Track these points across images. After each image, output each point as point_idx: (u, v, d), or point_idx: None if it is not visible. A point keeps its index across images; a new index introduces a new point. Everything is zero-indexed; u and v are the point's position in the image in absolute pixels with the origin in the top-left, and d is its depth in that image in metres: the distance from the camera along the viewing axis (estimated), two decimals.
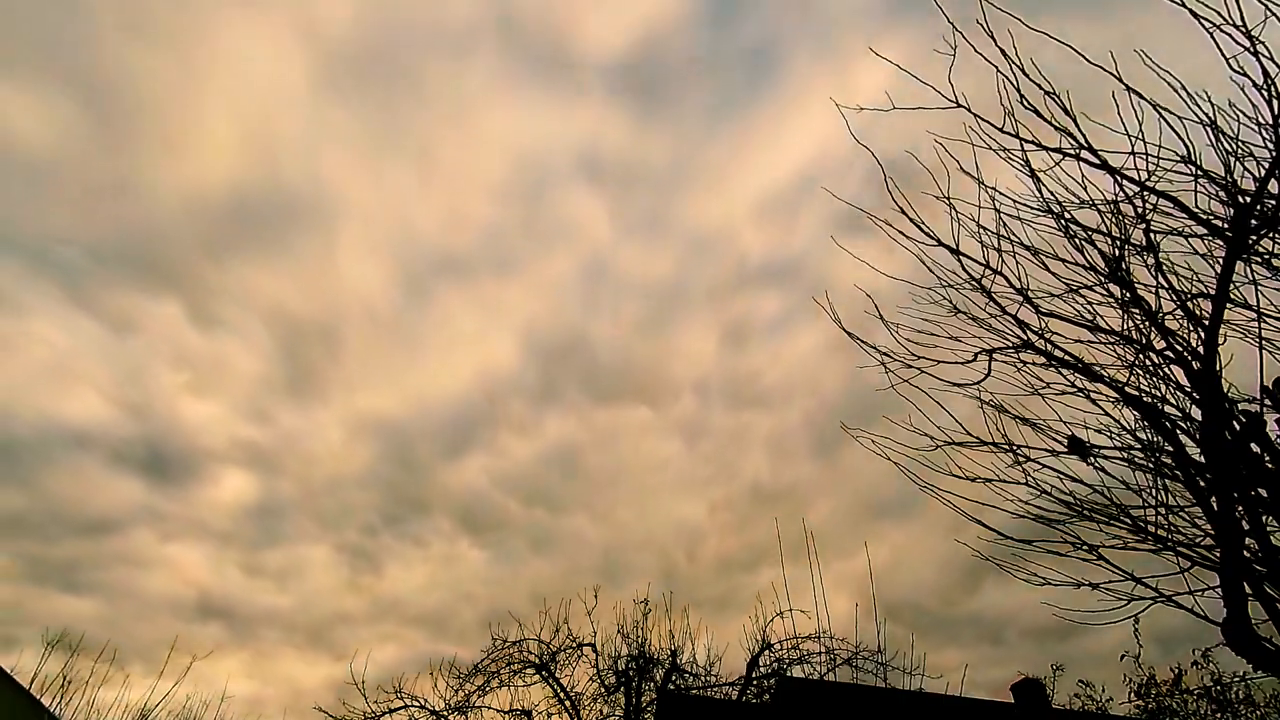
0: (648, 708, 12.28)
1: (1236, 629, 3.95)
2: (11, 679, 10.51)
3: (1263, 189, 4.18)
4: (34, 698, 10.10)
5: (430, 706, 12.22)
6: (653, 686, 12.48)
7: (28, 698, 10.17)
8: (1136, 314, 4.76)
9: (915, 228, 5.06)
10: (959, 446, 4.99)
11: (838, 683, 11.66)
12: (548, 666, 12.57)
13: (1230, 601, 3.99)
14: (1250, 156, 4.29)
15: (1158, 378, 4.70)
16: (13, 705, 10.40)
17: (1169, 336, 4.64)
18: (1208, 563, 4.30)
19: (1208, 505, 4.33)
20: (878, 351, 5.22)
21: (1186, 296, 4.62)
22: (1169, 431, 4.58)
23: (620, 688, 12.45)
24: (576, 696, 12.52)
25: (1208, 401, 4.31)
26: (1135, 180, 4.50)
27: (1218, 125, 4.30)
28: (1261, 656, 3.98)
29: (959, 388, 5.09)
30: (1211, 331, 4.31)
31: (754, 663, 12.50)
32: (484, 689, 12.40)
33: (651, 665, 12.54)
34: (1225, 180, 4.35)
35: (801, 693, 11.70)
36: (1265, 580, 4.04)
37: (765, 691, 12.41)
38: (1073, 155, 4.63)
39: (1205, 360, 4.34)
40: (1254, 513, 4.19)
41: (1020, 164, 4.84)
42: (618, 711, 12.44)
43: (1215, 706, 12.78)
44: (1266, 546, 4.14)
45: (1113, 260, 4.78)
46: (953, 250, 5.05)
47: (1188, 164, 4.39)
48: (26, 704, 10.15)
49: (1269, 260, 4.39)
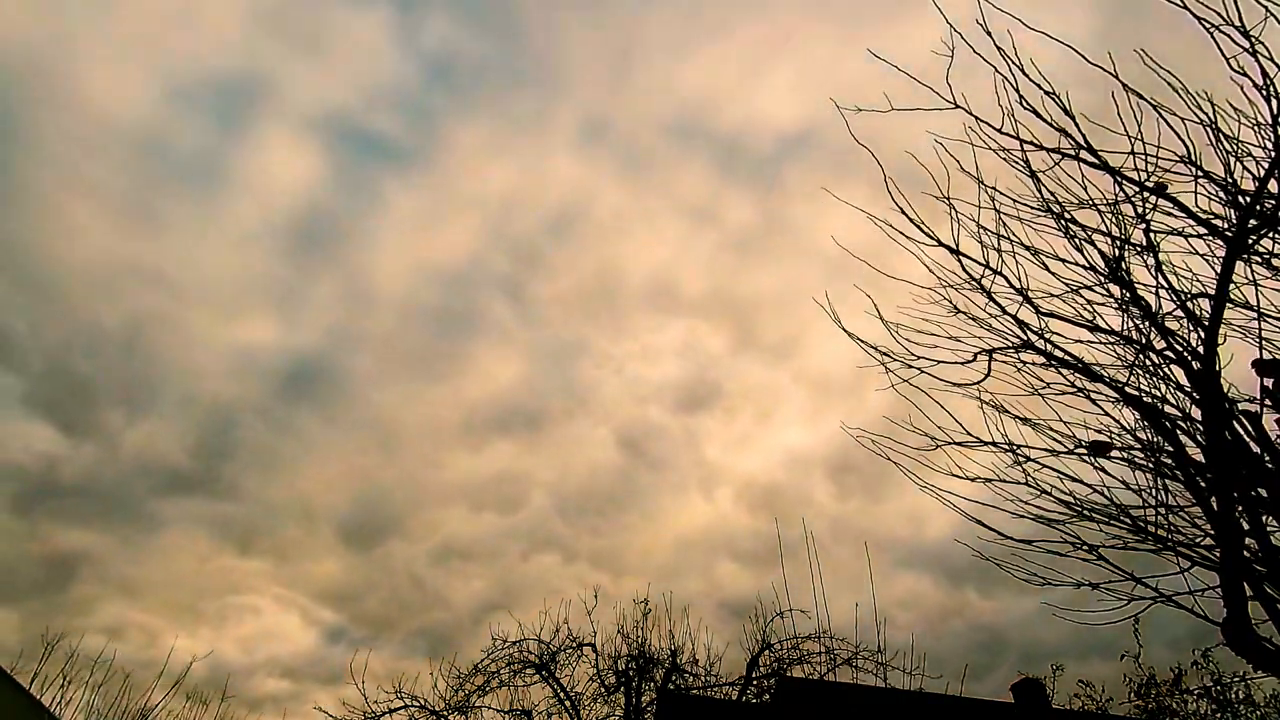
0: (648, 708, 12.28)
1: (1236, 629, 3.95)
2: (11, 679, 10.50)
3: (1263, 189, 4.18)
4: (34, 698, 10.10)
5: (430, 706, 12.22)
6: (653, 686, 12.48)
7: (28, 698, 10.17)
8: (1136, 314, 4.76)
9: (915, 228, 5.07)
10: (959, 446, 4.99)
11: (838, 683, 11.66)
12: (548, 666, 12.57)
13: (1230, 601, 3.99)
14: (1250, 156, 4.29)
15: (1158, 378, 4.70)
16: (13, 705, 10.40)
17: (1169, 336, 4.64)
18: (1208, 563, 4.30)
19: (1208, 505, 4.33)
20: (878, 352, 5.22)
21: (1186, 296, 4.61)
22: (1169, 431, 4.58)
23: (620, 688, 12.46)
24: (576, 696, 12.53)
25: (1208, 401, 4.30)
26: (1135, 180, 4.50)
27: (1218, 125, 4.30)
28: (1261, 656, 3.98)
29: (959, 388, 5.09)
30: (1211, 331, 4.31)
31: (754, 663, 12.51)
32: (484, 689, 12.41)
33: (651, 665, 12.54)
34: (1225, 180, 4.35)
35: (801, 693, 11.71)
36: (1265, 580, 4.04)
37: (765, 691, 12.41)
38: (1072, 155, 4.63)
39: (1205, 360, 4.33)
40: (1254, 513, 4.19)
41: (1020, 164, 4.84)
42: (618, 711, 12.45)
43: (1215, 706, 12.78)
44: (1266, 546, 4.14)
45: (1113, 260, 4.78)
46: (953, 250, 5.05)
47: (1188, 164, 4.39)
48: (26, 704, 10.15)
49: (1269, 260, 4.39)
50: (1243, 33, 3.99)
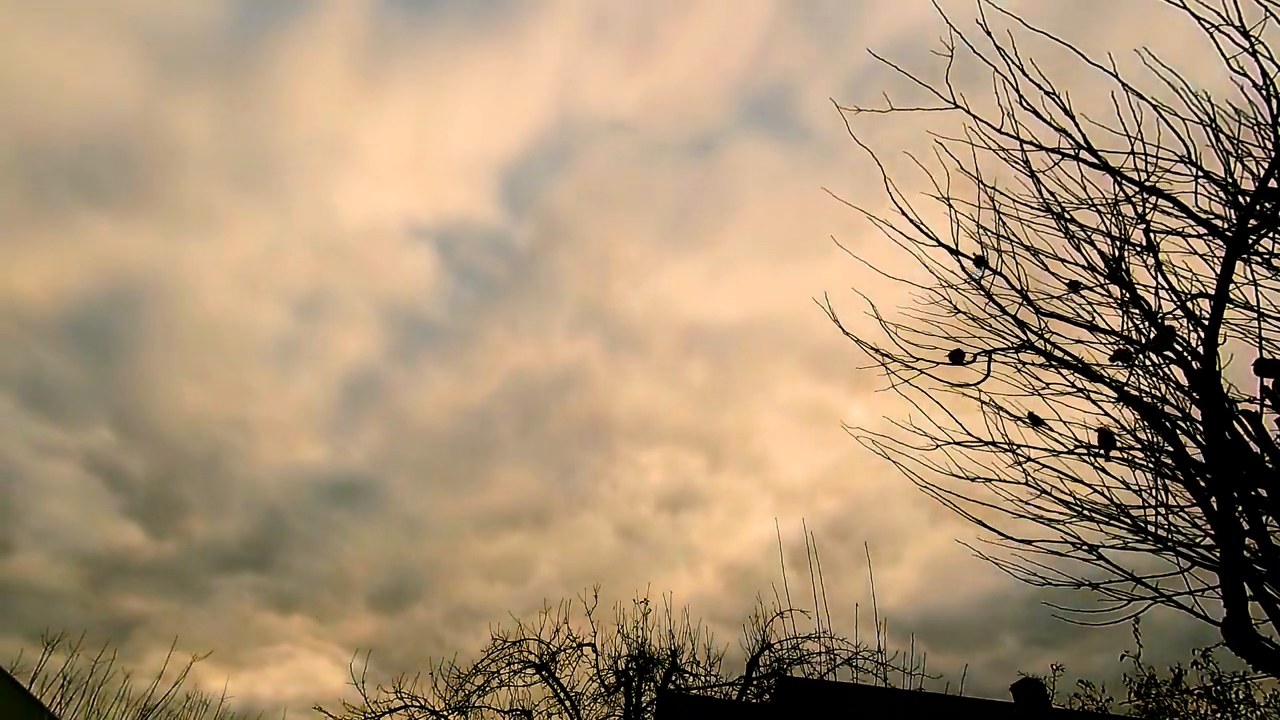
0: (648, 708, 12.28)
1: (1236, 629, 3.95)
2: (11, 679, 10.49)
3: (1263, 189, 4.18)
4: (34, 698, 10.09)
5: (430, 706, 12.21)
6: (653, 686, 12.47)
7: (28, 698, 10.16)
8: (1136, 314, 4.76)
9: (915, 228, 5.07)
10: (959, 446, 4.99)
11: (838, 683, 11.65)
12: (548, 666, 12.56)
13: (1230, 601, 3.99)
14: (1250, 156, 4.29)
15: (1158, 378, 4.70)
16: (13, 705, 10.40)
17: (1169, 336, 4.63)
18: (1208, 563, 4.30)
19: (1208, 505, 4.33)
20: (878, 353, 5.22)
21: (1186, 296, 4.62)
22: (1169, 431, 4.58)
23: (620, 688, 12.45)
24: (576, 696, 12.52)
25: (1208, 401, 4.30)
26: (1135, 180, 4.50)
27: (1218, 125, 4.30)
28: (1261, 656, 3.98)
29: (959, 388, 5.09)
30: (1211, 331, 4.31)
31: (754, 663, 12.49)
32: (484, 689, 12.39)
33: (651, 665, 12.53)
34: (1225, 180, 4.35)
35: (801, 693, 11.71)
36: (1265, 580, 4.03)
37: (765, 691, 12.41)
38: (1072, 155, 4.63)
39: (1205, 360, 4.33)
40: (1254, 513, 4.19)
41: (1020, 164, 4.85)
42: (618, 711, 12.44)
43: (1215, 706, 12.78)
44: (1266, 546, 4.13)
45: (1113, 260, 4.78)
46: (953, 250, 5.05)
47: (1188, 164, 4.39)
48: (26, 704, 10.14)
49: (1269, 260, 4.39)
50: (1243, 33, 3.99)
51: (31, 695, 10.16)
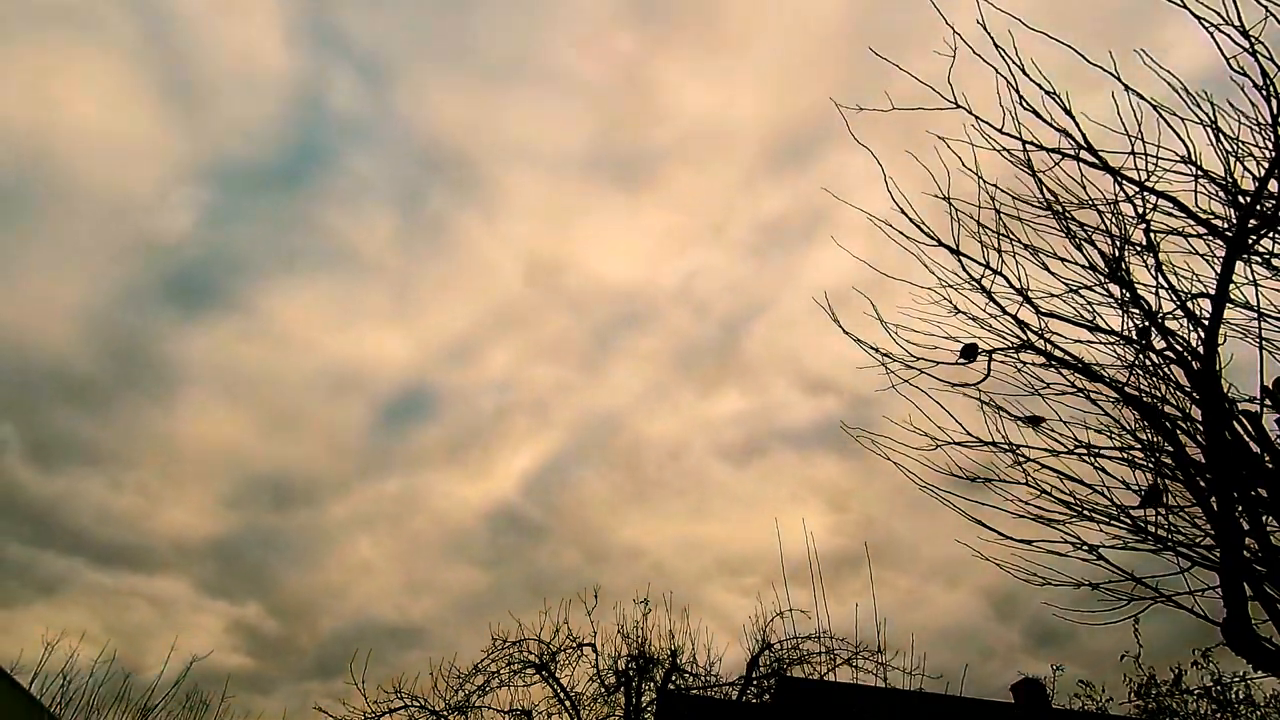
0: (648, 708, 12.27)
1: (1236, 629, 3.95)
2: (11, 679, 10.49)
3: (1263, 189, 4.18)
4: (34, 698, 10.09)
5: (430, 706, 12.19)
6: (653, 686, 12.47)
7: (28, 698, 10.16)
8: (1136, 314, 4.76)
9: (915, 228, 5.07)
10: (959, 446, 4.99)
11: (838, 683, 11.66)
12: (548, 666, 12.55)
13: (1230, 601, 3.99)
14: (1250, 156, 4.29)
15: (1158, 378, 4.70)
16: (13, 705, 10.39)
17: (1169, 336, 4.64)
18: (1208, 563, 4.30)
19: (1208, 505, 4.33)
20: (878, 353, 5.22)
21: (1186, 296, 4.62)
22: (1169, 431, 4.58)
23: (620, 688, 12.45)
24: (576, 696, 12.51)
25: (1208, 401, 4.30)
26: (1135, 180, 4.50)
27: (1218, 125, 4.30)
28: (1261, 656, 3.98)
29: (959, 388, 5.09)
30: (1211, 331, 4.31)
31: (754, 663, 12.49)
32: (484, 689, 12.37)
33: (651, 665, 12.53)
34: (1225, 180, 4.35)
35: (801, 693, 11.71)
36: (1265, 580, 4.03)
37: (765, 691, 12.41)
38: (1072, 156, 4.63)
39: (1205, 360, 4.33)
40: (1254, 513, 4.19)
41: (1021, 164, 4.84)
42: (618, 711, 12.43)
43: (1215, 706, 12.78)
44: (1266, 546, 4.13)
45: (1113, 260, 4.78)
46: (953, 250, 5.05)
47: (1188, 164, 4.39)
48: (26, 704, 10.14)
49: (1269, 260, 4.39)
50: (1242, 33, 3.99)
51: (31, 695, 10.15)
